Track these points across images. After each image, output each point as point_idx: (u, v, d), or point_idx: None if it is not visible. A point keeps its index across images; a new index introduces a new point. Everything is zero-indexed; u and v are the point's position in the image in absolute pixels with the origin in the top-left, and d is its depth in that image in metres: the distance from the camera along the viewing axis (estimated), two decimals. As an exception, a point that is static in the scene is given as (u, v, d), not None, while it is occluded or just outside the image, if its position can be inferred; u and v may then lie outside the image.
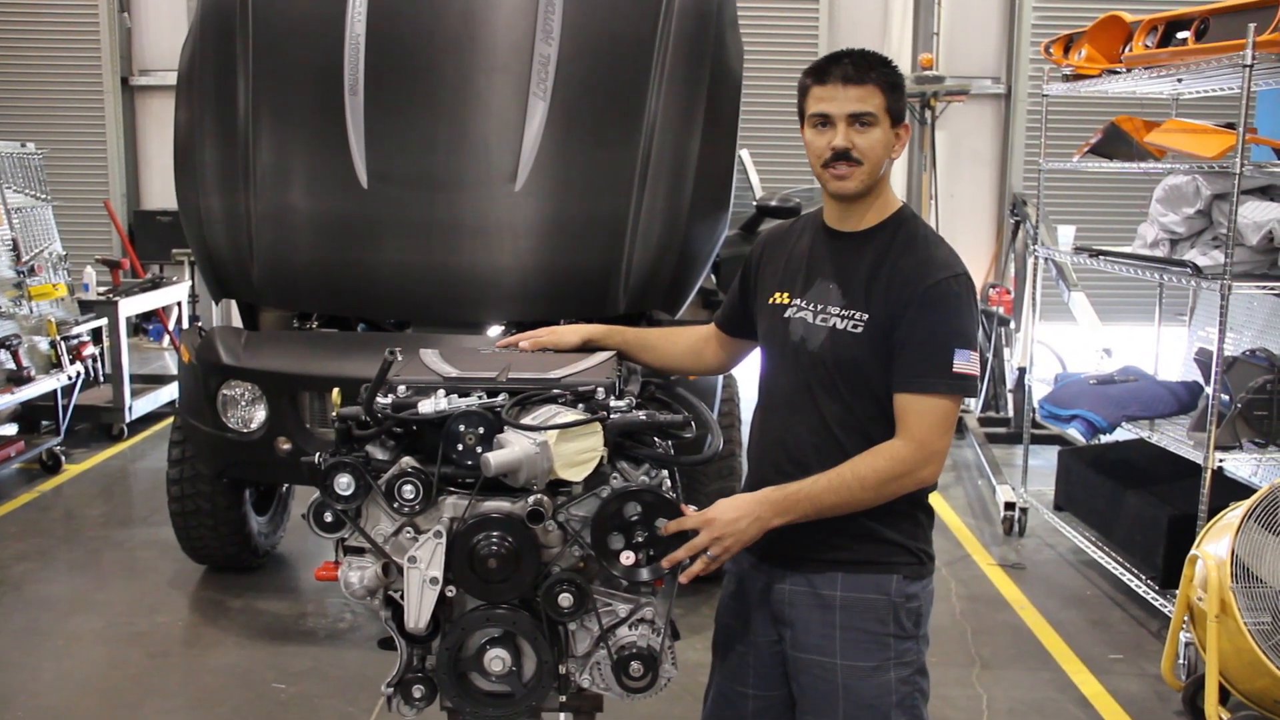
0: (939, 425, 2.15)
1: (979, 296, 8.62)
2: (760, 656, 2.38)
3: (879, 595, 2.24)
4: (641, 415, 2.09)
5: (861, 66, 2.17)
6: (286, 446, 4.25)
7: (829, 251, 2.30)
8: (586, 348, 2.51)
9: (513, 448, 1.93)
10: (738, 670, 2.42)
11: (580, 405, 2.08)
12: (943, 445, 2.16)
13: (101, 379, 7.49)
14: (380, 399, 2.09)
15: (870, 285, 2.20)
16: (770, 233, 2.50)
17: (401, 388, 2.13)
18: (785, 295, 2.33)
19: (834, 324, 2.23)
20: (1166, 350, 6.25)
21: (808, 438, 2.26)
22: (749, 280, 2.48)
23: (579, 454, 1.97)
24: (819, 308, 2.26)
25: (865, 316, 2.19)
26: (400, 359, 2.18)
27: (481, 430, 2.00)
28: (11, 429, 6.93)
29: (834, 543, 2.21)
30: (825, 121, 2.19)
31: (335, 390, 2.25)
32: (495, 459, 1.91)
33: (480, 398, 2.09)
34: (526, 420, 1.99)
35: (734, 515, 2.08)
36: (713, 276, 5.33)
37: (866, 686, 2.24)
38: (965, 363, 2.14)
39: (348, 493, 2.02)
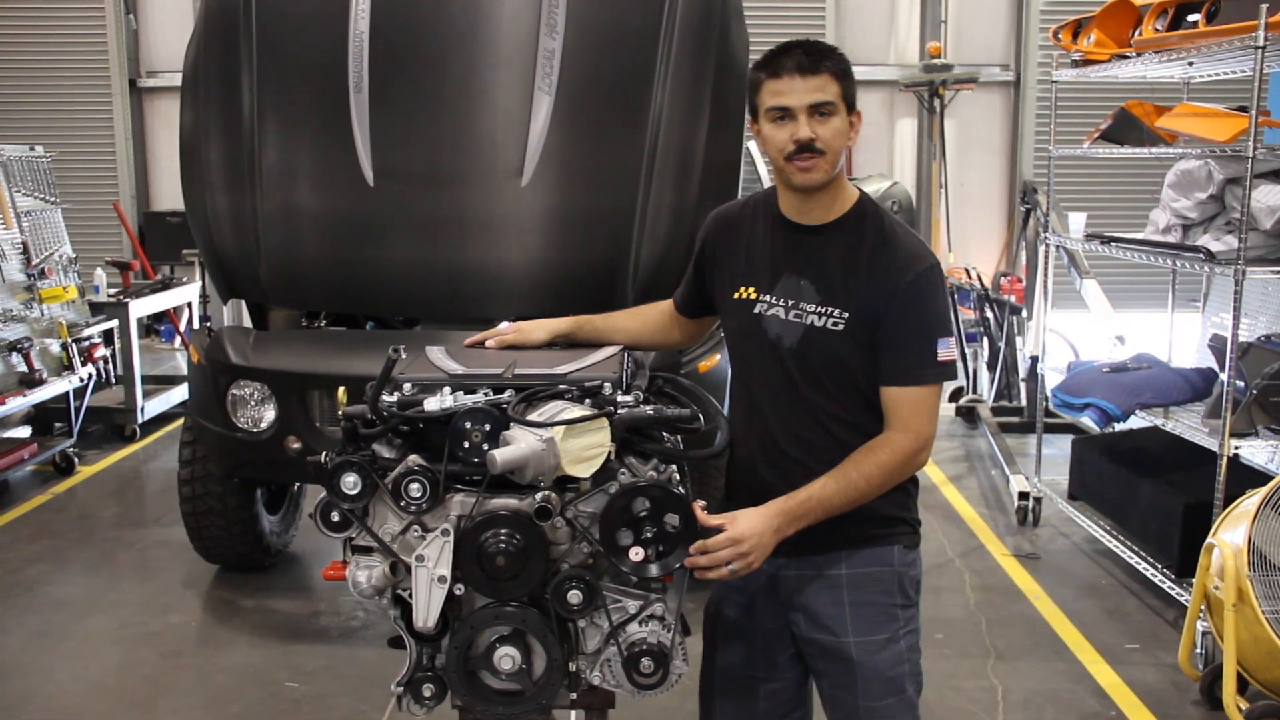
0: (930, 413, 2.22)
1: (991, 286, 8.58)
2: (767, 643, 2.39)
3: (883, 568, 2.30)
4: (649, 410, 2.06)
5: (814, 55, 2.16)
6: (296, 445, 4.24)
7: (793, 245, 2.29)
8: (554, 342, 2.51)
9: (519, 444, 1.91)
10: (745, 658, 2.42)
11: (586, 401, 2.06)
12: (934, 430, 2.24)
13: (113, 380, 7.51)
14: (386, 397, 2.07)
15: (849, 282, 2.20)
16: (719, 215, 2.46)
17: (407, 385, 2.11)
18: (752, 290, 2.32)
19: (810, 321, 2.23)
20: (1180, 337, 6.20)
21: (802, 433, 2.27)
22: (703, 264, 2.46)
23: (586, 450, 1.95)
24: (790, 304, 2.25)
25: (846, 314, 2.20)
26: (404, 357, 2.17)
27: (487, 427, 1.98)
28: (24, 431, 6.96)
29: (833, 524, 2.20)
30: (785, 114, 2.17)
31: (341, 389, 2.23)
32: (501, 456, 1.89)
33: (486, 394, 2.07)
34: (533, 416, 1.97)
35: (759, 529, 2.08)
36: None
37: (881, 660, 2.29)
38: (947, 350, 2.21)
39: (354, 492, 2.00)
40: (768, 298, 2.29)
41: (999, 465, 6.60)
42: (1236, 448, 4.31)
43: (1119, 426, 5.35)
